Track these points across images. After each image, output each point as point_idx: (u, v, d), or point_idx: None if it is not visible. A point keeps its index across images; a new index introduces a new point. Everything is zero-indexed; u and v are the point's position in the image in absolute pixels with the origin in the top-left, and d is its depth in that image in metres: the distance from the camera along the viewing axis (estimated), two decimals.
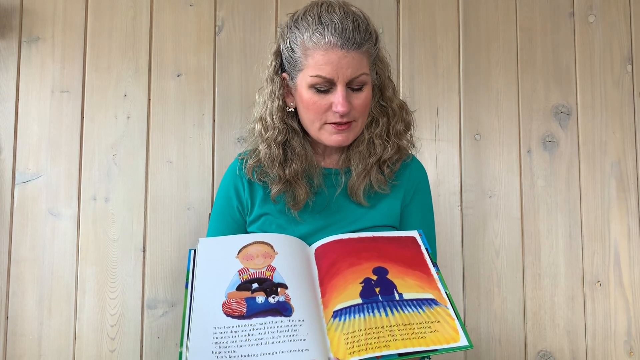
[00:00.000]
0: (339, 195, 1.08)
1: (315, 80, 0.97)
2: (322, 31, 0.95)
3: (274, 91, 1.04)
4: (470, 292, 1.57)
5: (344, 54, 0.95)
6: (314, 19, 0.96)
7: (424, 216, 1.13)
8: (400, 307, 0.83)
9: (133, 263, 1.48)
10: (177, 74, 1.54)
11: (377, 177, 1.06)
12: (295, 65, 1.00)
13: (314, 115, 1.01)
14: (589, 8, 1.68)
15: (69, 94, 1.51)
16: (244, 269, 0.89)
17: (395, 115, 1.08)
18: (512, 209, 1.60)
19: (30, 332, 1.45)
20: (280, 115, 1.05)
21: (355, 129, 1.03)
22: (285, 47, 1.01)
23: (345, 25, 0.95)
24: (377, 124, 1.08)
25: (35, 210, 1.48)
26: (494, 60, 1.64)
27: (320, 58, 0.96)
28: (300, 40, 0.98)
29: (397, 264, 0.90)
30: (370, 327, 0.80)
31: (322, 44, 0.95)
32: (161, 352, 1.47)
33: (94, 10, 1.54)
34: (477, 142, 1.61)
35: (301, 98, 1.01)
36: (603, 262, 1.61)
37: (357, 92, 1.00)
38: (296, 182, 1.06)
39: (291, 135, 1.07)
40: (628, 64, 1.67)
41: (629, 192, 1.64)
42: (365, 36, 0.98)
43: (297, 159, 1.06)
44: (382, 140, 1.07)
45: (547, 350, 1.57)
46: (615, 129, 1.65)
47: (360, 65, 0.97)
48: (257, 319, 0.81)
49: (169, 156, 1.52)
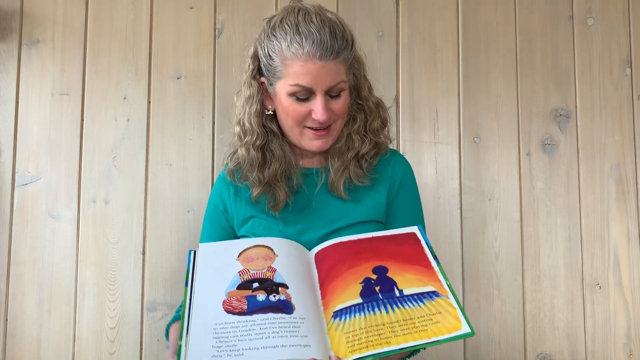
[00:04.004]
0: (320, 192, 1.09)
1: (294, 89, 0.98)
2: (300, 41, 0.96)
3: (252, 95, 1.05)
4: (469, 295, 1.57)
5: (322, 65, 0.96)
6: (292, 28, 0.97)
7: (413, 210, 1.13)
8: (400, 303, 0.83)
9: (133, 265, 1.48)
10: (177, 76, 1.54)
11: (355, 171, 1.08)
12: (274, 73, 1.00)
13: (294, 121, 1.02)
14: (588, 11, 1.68)
15: (69, 96, 1.52)
16: (244, 270, 0.89)
17: (372, 112, 1.10)
18: (511, 211, 1.60)
19: (29, 334, 1.44)
20: (258, 119, 1.06)
21: (334, 131, 1.06)
22: (263, 53, 1.02)
23: (323, 35, 0.96)
24: (355, 121, 1.09)
25: (35, 212, 1.48)
26: (494, 63, 1.64)
27: (299, 68, 0.96)
28: (279, 49, 0.98)
29: (397, 261, 0.91)
30: (371, 325, 0.80)
31: (300, 54, 0.96)
32: (161, 354, 1.46)
33: (94, 12, 1.54)
34: (476, 145, 1.61)
35: (281, 104, 1.02)
36: (602, 265, 1.61)
37: (335, 99, 1.01)
38: (275, 183, 1.07)
39: (270, 138, 1.08)
40: (627, 66, 1.68)
41: (629, 194, 1.64)
42: (342, 44, 0.98)
43: (276, 161, 1.07)
44: (360, 136, 1.09)
45: (547, 352, 1.57)
46: (615, 131, 1.66)
47: (338, 74, 0.99)
48: (258, 315, 0.81)
49: (169, 158, 1.52)
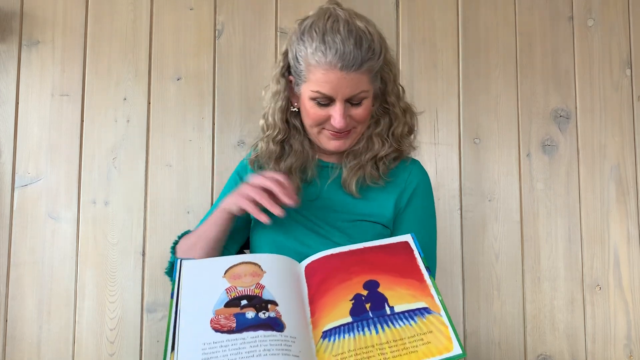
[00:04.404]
0: (332, 186, 1.09)
1: (315, 95, 1.00)
2: (324, 51, 0.96)
3: (279, 92, 1.07)
4: (469, 296, 1.56)
5: (343, 75, 0.97)
6: (318, 36, 0.98)
7: (423, 222, 1.12)
8: (391, 321, 0.81)
9: (133, 266, 1.48)
10: (177, 77, 1.54)
11: (371, 172, 1.08)
12: (300, 75, 1.03)
13: (313, 122, 1.04)
14: (588, 12, 1.68)
15: (69, 97, 1.51)
16: (231, 287, 0.86)
17: (398, 118, 1.10)
18: (511, 212, 1.60)
19: (29, 335, 1.44)
20: (282, 115, 1.07)
21: (354, 134, 1.06)
22: (292, 55, 1.04)
23: (346, 46, 0.96)
24: (378, 124, 1.10)
25: (35, 213, 1.48)
26: (494, 64, 1.64)
27: (321, 76, 0.98)
28: (304, 55, 1.00)
29: (388, 274, 0.89)
30: (360, 347, 0.78)
31: (323, 63, 0.97)
32: (160, 355, 1.46)
33: (94, 13, 1.54)
34: (476, 146, 1.61)
35: (303, 105, 1.04)
36: (603, 266, 1.61)
37: (356, 106, 1.02)
38: (289, 176, 1.07)
39: (292, 133, 1.10)
40: (627, 67, 1.68)
41: (628, 195, 1.64)
42: (367, 55, 0.98)
43: (293, 155, 1.09)
44: (381, 139, 1.09)
45: (547, 353, 1.57)
46: (615, 132, 1.66)
47: (360, 84, 1.00)
48: (248, 332, 0.78)
49: (169, 159, 1.52)
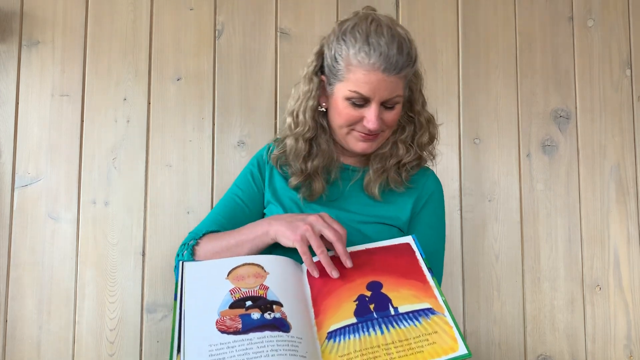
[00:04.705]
0: (354, 188, 1.12)
1: (352, 95, 1.02)
2: (368, 52, 0.98)
3: (311, 90, 1.09)
4: (469, 296, 1.56)
5: (384, 77, 0.99)
6: (362, 37, 0.99)
7: (433, 229, 1.14)
8: (396, 322, 0.81)
9: (133, 267, 1.48)
10: (177, 77, 1.54)
11: (394, 177, 1.11)
12: (336, 75, 1.04)
13: (344, 122, 1.06)
14: (587, 12, 1.69)
15: (69, 97, 1.51)
16: (235, 289, 0.86)
17: (422, 127, 1.13)
18: (511, 212, 1.60)
19: (29, 336, 1.44)
20: (312, 113, 1.10)
21: (381, 138, 1.09)
22: (330, 54, 1.05)
23: (390, 50, 0.99)
24: (404, 131, 1.13)
25: (35, 213, 1.47)
26: (493, 64, 1.64)
27: (362, 76, 1.00)
28: (345, 55, 1.01)
29: (391, 275, 0.89)
30: (365, 348, 0.78)
31: (365, 63, 0.99)
32: (160, 356, 1.46)
33: (94, 13, 1.54)
34: (476, 146, 1.61)
35: (336, 104, 1.06)
36: (603, 266, 1.61)
37: (388, 110, 1.05)
38: (315, 176, 1.11)
39: (319, 132, 1.12)
40: (627, 68, 1.68)
41: (628, 195, 1.64)
42: (407, 61, 1.02)
43: (321, 155, 1.11)
44: (405, 146, 1.12)
45: (547, 354, 1.57)
46: (615, 132, 1.66)
47: (396, 88, 1.03)
48: (255, 333, 0.77)
49: (169, 160, 1.52)
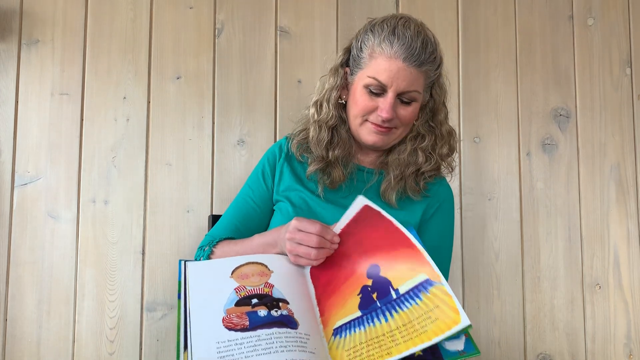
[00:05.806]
0: (368, 192, 1.12)
1: (370, 82, 1.04)
2: (392, 41, 1.02)
3: (335, 82, 1.12)
4: (469, 295, 1.56)
5: (403, 67, 1.02)
6: (389, 28, 1.04)
7: (442, 236, 1.16)
8: (398, 305, 0.82)
9: (132, 266, 1.48)
10: (177, 76, 1.54)
11: (412, 185, 1.12)
12: (359, 63, 1.07)
13: (360, 111, 1.08)
14: (587, 11, 1.68)
15: (69, 96, 1.51)
16: (240, 287, 0.85)
17: (443, 138, 1.15)
18: (511, 211, 1.60)
19: (29, 334, 1.44)
20: (335, 104, 1.13)
21: (393, 135, 1.10)
22: (356, 45, 1.09)
23: (414, 42, 1.02)
24: (424, 139, 1.14)
25: (35, 212, 1.48)
26: (493, 63, 1.64)
27: (382, 63, 1.03)
28: (370, 43, 1.05)
29: (382, 250, 0.89)
30: (371, 338, 0.79)
31: (387, 51, 1.02)
32: (160, 355, 1.46)
33: (93, 12, 1.54)
34: (476, 145, 1.61)
35: (354, 93, 1.09)
36: (602, 265, 1.61)
37: (404, 105, 1.07)
38: (335, 165, 1.12)
39: (340, 123, 1.14)
40: (627, 66, 1.68)
41: (628, 194, 1.64)
42: (429, 58, 1.04)
43: (342, 144, 1.13)
44: (425, 154, 1.13)
45: (547, 353, 1.57)
46: (615, 131, 1.65)
47: (415, 82, 1.04)
48: (262, 330, 0.76)
49: (169, 158, 1.52)
